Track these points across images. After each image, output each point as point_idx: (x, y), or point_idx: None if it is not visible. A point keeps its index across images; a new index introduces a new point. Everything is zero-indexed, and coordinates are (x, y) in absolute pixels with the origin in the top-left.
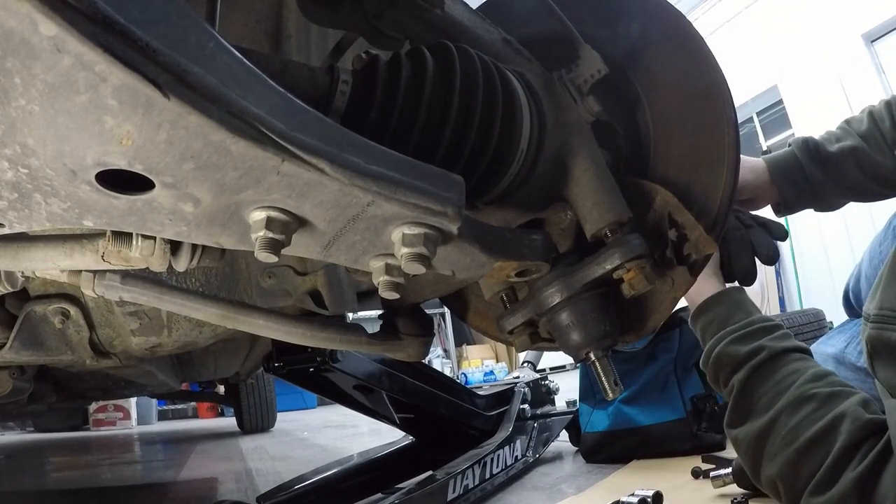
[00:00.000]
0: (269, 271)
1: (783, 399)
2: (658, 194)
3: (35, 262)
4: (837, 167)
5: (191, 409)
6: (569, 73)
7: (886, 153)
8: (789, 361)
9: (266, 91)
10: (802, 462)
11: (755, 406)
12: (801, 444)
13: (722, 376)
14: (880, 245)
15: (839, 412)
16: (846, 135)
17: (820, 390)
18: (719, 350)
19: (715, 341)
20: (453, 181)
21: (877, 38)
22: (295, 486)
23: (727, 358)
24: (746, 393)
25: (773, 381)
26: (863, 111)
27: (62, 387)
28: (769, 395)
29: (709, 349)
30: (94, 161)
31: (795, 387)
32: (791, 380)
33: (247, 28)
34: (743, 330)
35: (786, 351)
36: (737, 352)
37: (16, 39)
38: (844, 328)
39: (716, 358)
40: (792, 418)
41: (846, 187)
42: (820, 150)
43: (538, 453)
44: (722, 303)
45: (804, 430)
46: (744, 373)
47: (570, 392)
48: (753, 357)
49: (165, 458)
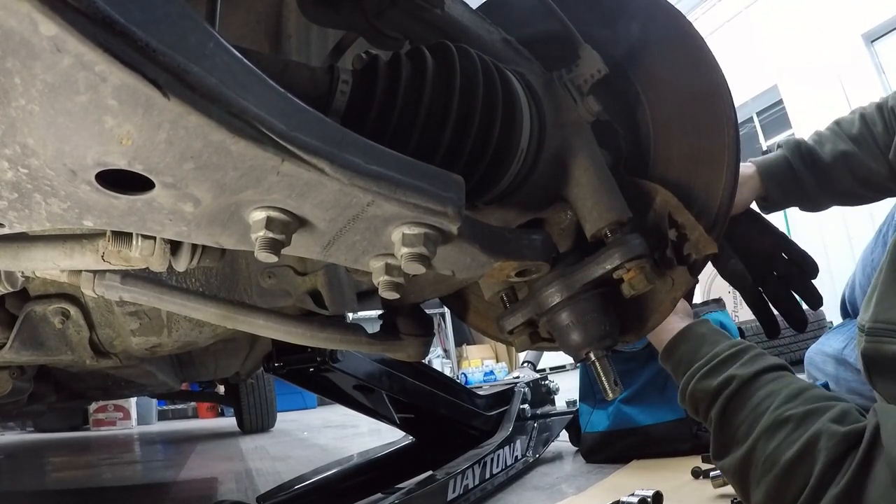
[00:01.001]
0: (269, 271)
1: (759, 426)
2: (658, 194)
3: (35, 262)
4: (830, 173)
5: (191, 409)
6: (569, 73)
7: (879, 158)
8: (762, 385)
9: (266, 91)
10: (785, 486)
11: (734, 436)
12: (780, 469)
13: (700, 412)
14: (872, 253)
15: (814, 431)
16: (838, 138)
17: (794, 411)
18: (691, 388)
19: (686, 380)
20: (453, 181)
21: (877, 38)
22: (295, 486)
23: (700, 394)
24: (724, 425)
25: (748, 408)
26: (853, 113)
27: (62, 387)
28: (746, 424)
29: (681, 389)
30: (94, 161)
31: (770, 412)
32: (766, 405)
33: (247, 28)
34: (710, 364)
35: (757, 375)
36: (707, 387)
37: (16, 39)
38: (843, 328)
39: (690, 396)
40: (769, 444)
41: (836, 192)
42: (813, 155)
43: (538, 453)
44: (687, 339)
45: (782, 454)
46: (718, 406)
47: (570, 392)
48: (725, 389)
49: (165, 458)
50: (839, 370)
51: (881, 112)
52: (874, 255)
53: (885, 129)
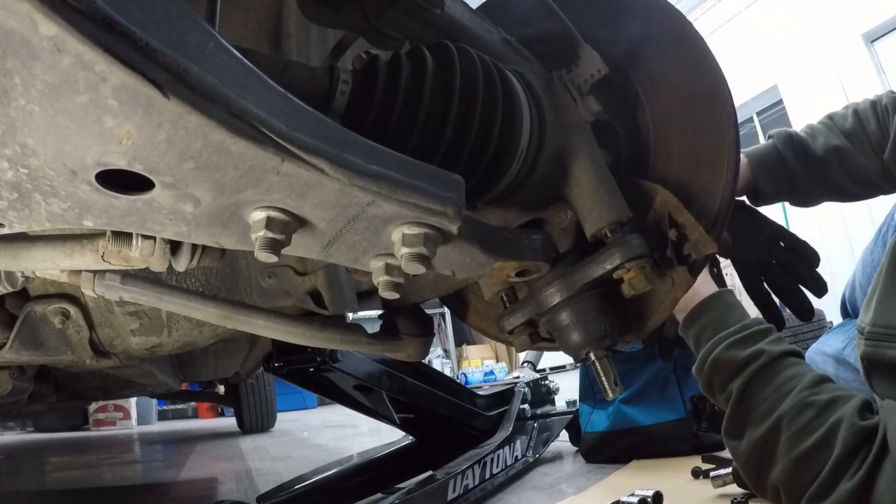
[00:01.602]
0: (269, 271)
1: (783, 405)
2: (658, 194)
3: (35, 262)
4: (821, 167)
5: (191, 409)
6: (569, 73)
7: (870, 155)
8: (787, 366)
9: (266, 91)
10: (802, 469)
11: (754, 412)
12: (800, 452)
13: (717, 382)
14: (871, 253)
15: (836, 419)
16: (830, 133)
17: (818, 398)
18: (716, 355)
19: (711, 345)
20: (453, 181)
21: (877, 38)
22: (295, 486)
23: (725, 363)
24: (745, 399)
25: (773, 386)
26: (846, 108)
27: (62, 387)
28: (769, 402)
29: (704, 354)
30: (94, 161)
31: (795, 393)
32: (791, 385)
33: (247, 28)
34: (739, 334)
35: (783, 355)
36: (735, 356)
37: (16, 39)
38: (843, 328)
39: (712, 363)
40: (793, 425)
41: (826, 187)
42: (805, 148)
43: (538, 453)
44: (715, 306)
45: (804, 439)
46: (742, 378)
47: (570, 392)
48: (752, 362)
49: (165, 458)
50: (839, 370)
51: (875, 109)
52: (874, 256)
53: (878, 127)
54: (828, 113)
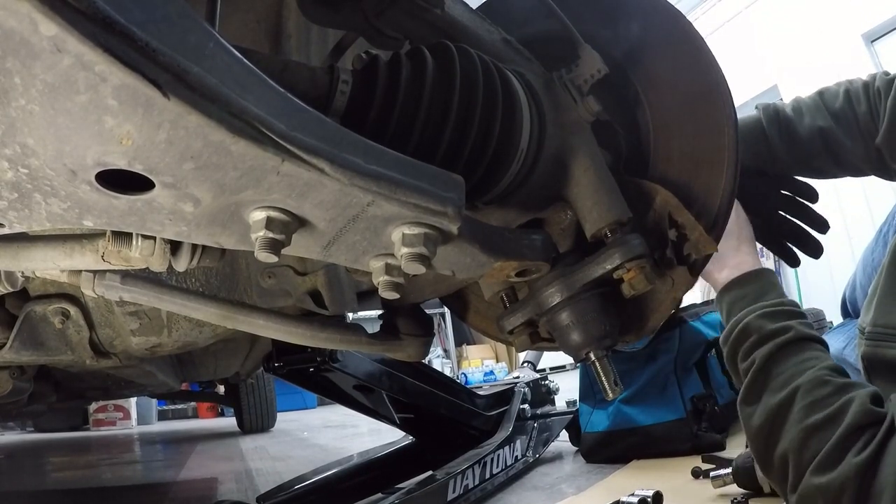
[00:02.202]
0: (269, 271)
1: (801, 378)
2: (658, 194)
3: (35, 262)
4: (804, 147)
5: (191, 409)
6: (569, 73)
7: (857, 138)
8: (812, 348)
9: (266, 91)
10: (811, 440)
11: (772, 382)
12: (810, 423)
13: (743, 349)
14: (872, 253)
15: (849, 398)
16: (818, 112)
17: (835, 379)
18: (748, 321)
19: (745, 313)
20: (453, 181)
21: (877, 38)
22: (295, 486)
23: (753, 330)
24: (766, 368)
25: (795, 361)
26: (838, 85)
27: (62, 387)
28: (788, 374)
29: (735, 321)
30: (94, 161)
31: (815, 370)
32: (811, 363)
33: (247, 28)
34: (774, 308)
35: (811, 338)
36: (765, 326)
37: (16, 39)
38: (843, 328)
39: (742, 329)
40: (807, 397)
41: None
42: (791, 128)
43: (538, 453)
44: (757, 280)
45: (817, 410)
46: (768, 348)
47: (570, 392)
48: (781, 335)
49: (165, 458)
50: None
51: (867, 92)
52: (874, 256)
53: (868, 110)
54: (819, 88)
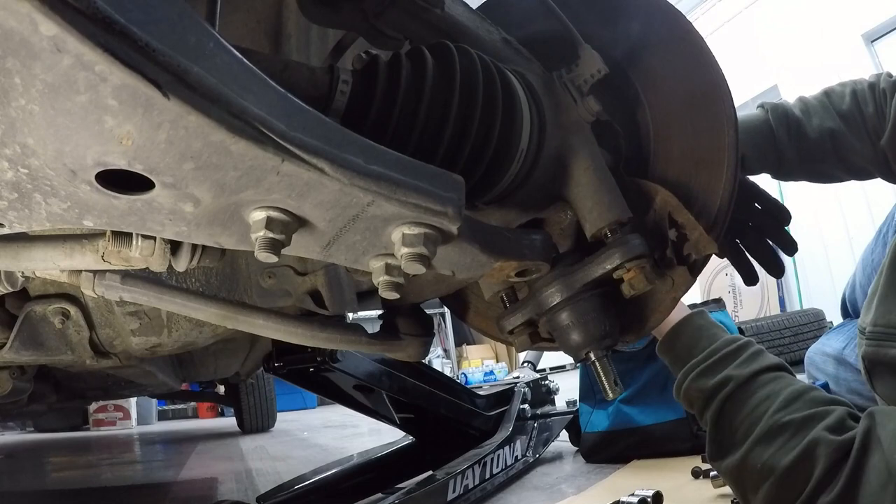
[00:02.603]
0: (269, 271)
1: (756, 430)
2: (658, 194)
3: (35, 262)
4: (813, 149)
5: (191, 409)
6: (569, 73)
7: (865, 139)
8: (759, 386)
9: (266, 91)
10: (782, 492)
11: (732, 438)
12: (778, 475)
13: (695, 410)
14: (872, 253)
15: (812, 438)
16: (826, 113)
17: (792, 417)
18: (685, 387)
19: (681, 377)
20: (453, 181)
21: (877, 38)
22: (295, 486)
23: (695, 393)
24: (721, 427)
25: (745, 411)
26: (844, 85)
27: (62, 387)
28: (744, 427)
29: (677, 386)
30: (94, 161)
31: (767, 416)
32: (763, 408)
33: (247, 28)
34: (706, 362)
35: (755, 375)
36: (703, 386)
37: (16, 39)
38: (843, 328)
39: (685, 395)
40: (767, 449)
41: (813, 170)
42: (801, 129)
43: (538, 453)
44: (684, 332)
45: (780, 461)
46: (714, 408)
47: (570, 392)
48: (721, 389)
49: (165, 458)
50: (839, 370)
51: (873, 92)
52: (874, 256)
53: (875, 111)
54: (824, 88)
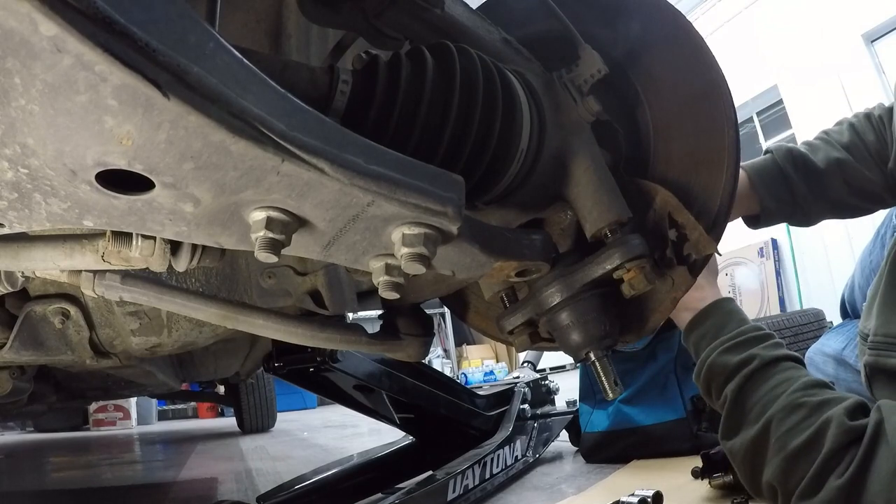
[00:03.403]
0: (269, 271)
1: (774, 406)
2: (658, 194)
3: (35, 262)
4: (823, 181)
5: (191, 409)
6: (569, 73)
7: (872, 166)
8: (781, 370)
9: (266, 91)
10: (792, 468)
11: (748, 415)
12: (790, 451)
13: (714, 387)
14: (870, 254)
15: (825, 419)
16: (830, 146)
17: (810, 399)
18: (711, 360)
19: (708, 352)
20: (453, 181)
21: (877, 38)
22: (295, 486)
23: (719, 368)
24: (739, 402)
25: (765, 389)
26: (839, 123)
27: (62, 387)
28: (761, 404)
29: (701, 361)
30: (94, 161)
31: (787, 395)
32: (783, 388)
33: (247, 28)
34: (734, 340)
35: (778, 359)
36: (728, 361)
37: (16, 39)
38: (843, 328)
39: (708, 369)
40: (783, 425)
41: (829, 202)
42: (806, 162)
43: (538, 453)
44: (715, 314)
45: (794, 438)
46: (736, 382)
47: (570, 392)
48: (745, 366)
49: (165, 458)
50: (839, 371)
51: (870, 121)
52: (873, 257)
53: (876, 138)
54: (822, 130)
